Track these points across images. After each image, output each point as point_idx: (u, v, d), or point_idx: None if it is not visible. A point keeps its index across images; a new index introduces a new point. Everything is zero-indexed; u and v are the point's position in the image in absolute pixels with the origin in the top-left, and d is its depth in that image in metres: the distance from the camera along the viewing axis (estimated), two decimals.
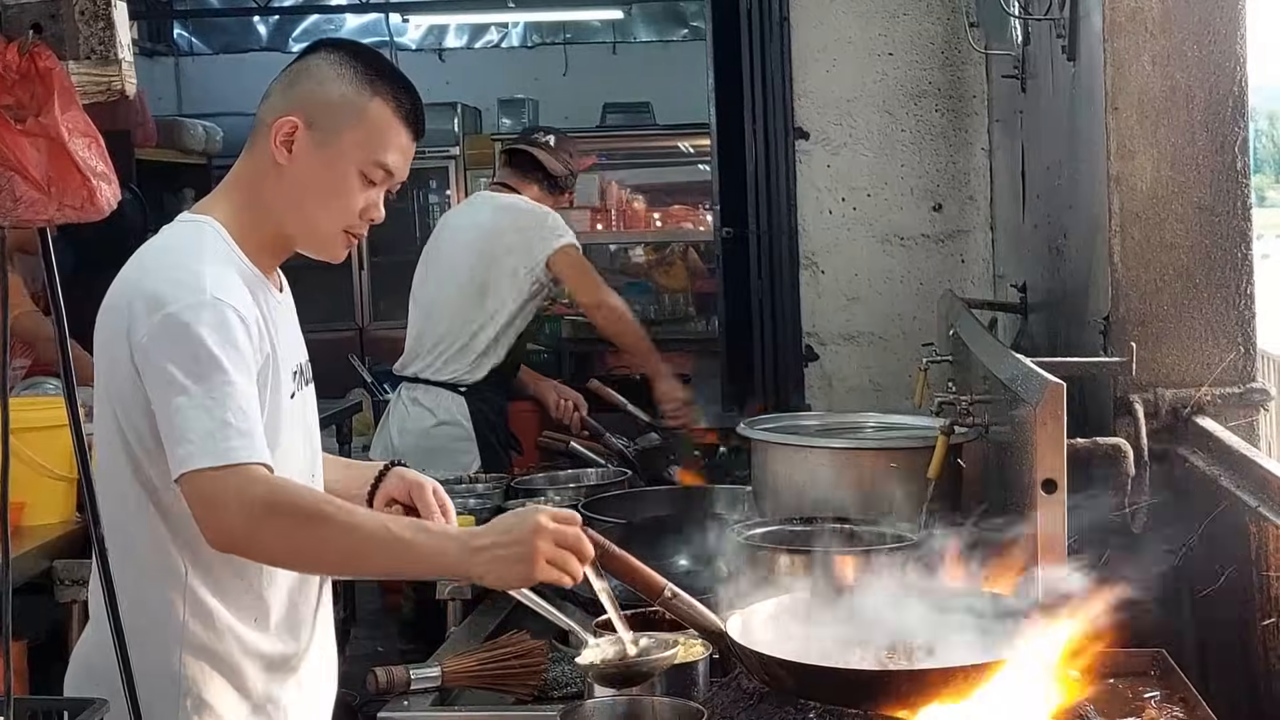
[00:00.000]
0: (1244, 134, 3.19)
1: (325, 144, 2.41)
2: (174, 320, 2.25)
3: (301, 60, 2.51)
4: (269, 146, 2.41)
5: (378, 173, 2.44)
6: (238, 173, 2.49)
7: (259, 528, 2.19)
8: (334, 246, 2.49)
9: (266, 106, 2.47)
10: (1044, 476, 2.54)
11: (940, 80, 5.50)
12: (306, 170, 2.41)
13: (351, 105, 2.42)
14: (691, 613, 2.44)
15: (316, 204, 2.43)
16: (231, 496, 2.18)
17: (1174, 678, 2.60)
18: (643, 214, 9.17)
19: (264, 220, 2.43)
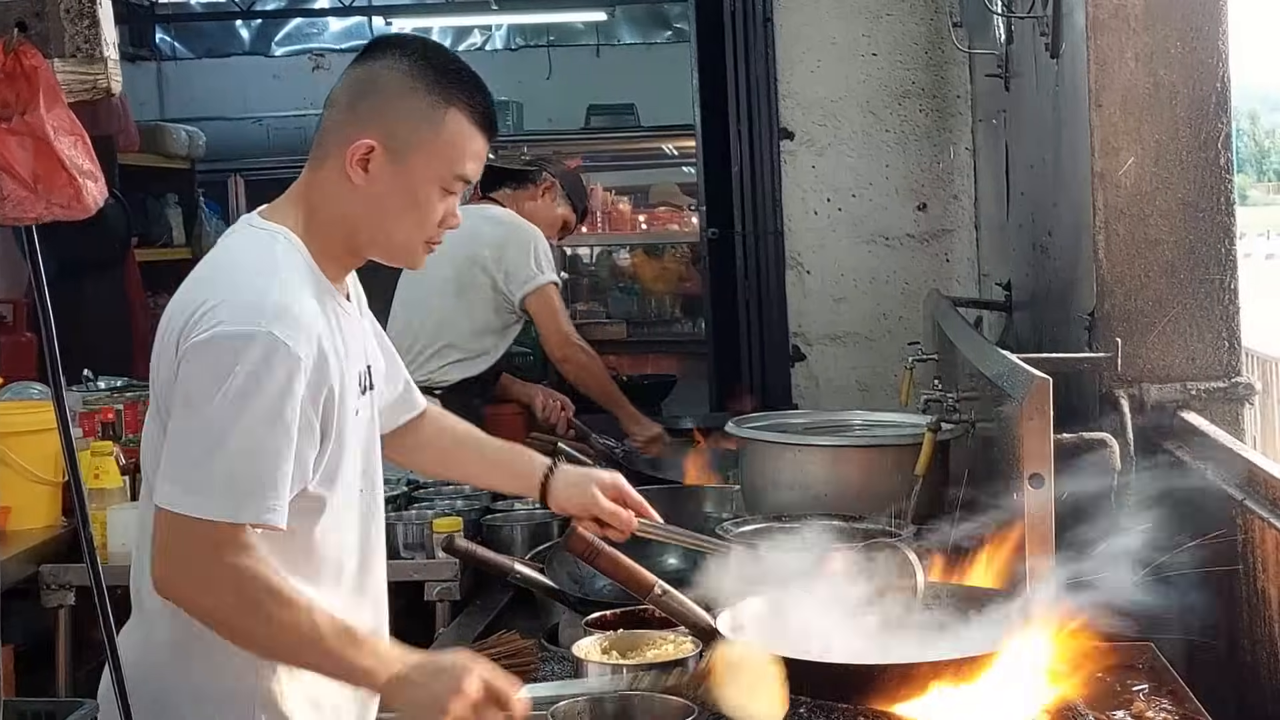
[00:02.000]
0: (1227, 130, 3.20)
1: (402, 161, 2.29)
2: (220, 342, 2.12)
3: (365, 66, 2.36)
4: (342, 165, 2.29)
5: (457, 184, 2.35)
6: (307, 183, 2.36)
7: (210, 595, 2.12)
8: (414, 257, 2.39)
9: (334, 120, 2.34)
10: (1031, 471, 2.55)
11: (924, 80, 5.52)
12: (384, 189, 2.29)
13: (427, 120, 2.30)
14: (682, 610, 2.44)
15: (395, 219, 2.32)
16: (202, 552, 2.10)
17: (1162, 671, 2.61)
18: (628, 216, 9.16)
19: (337, 233, 2.32)
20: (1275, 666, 2.53)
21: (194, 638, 2.21)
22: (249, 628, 2.12)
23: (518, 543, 3.72)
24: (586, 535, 2.44)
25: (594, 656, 2.51)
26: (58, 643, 3.95)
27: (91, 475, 4.01)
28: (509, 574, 3.16)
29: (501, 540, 3.73)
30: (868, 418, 3.88)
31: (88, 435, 4.41)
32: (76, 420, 4.43)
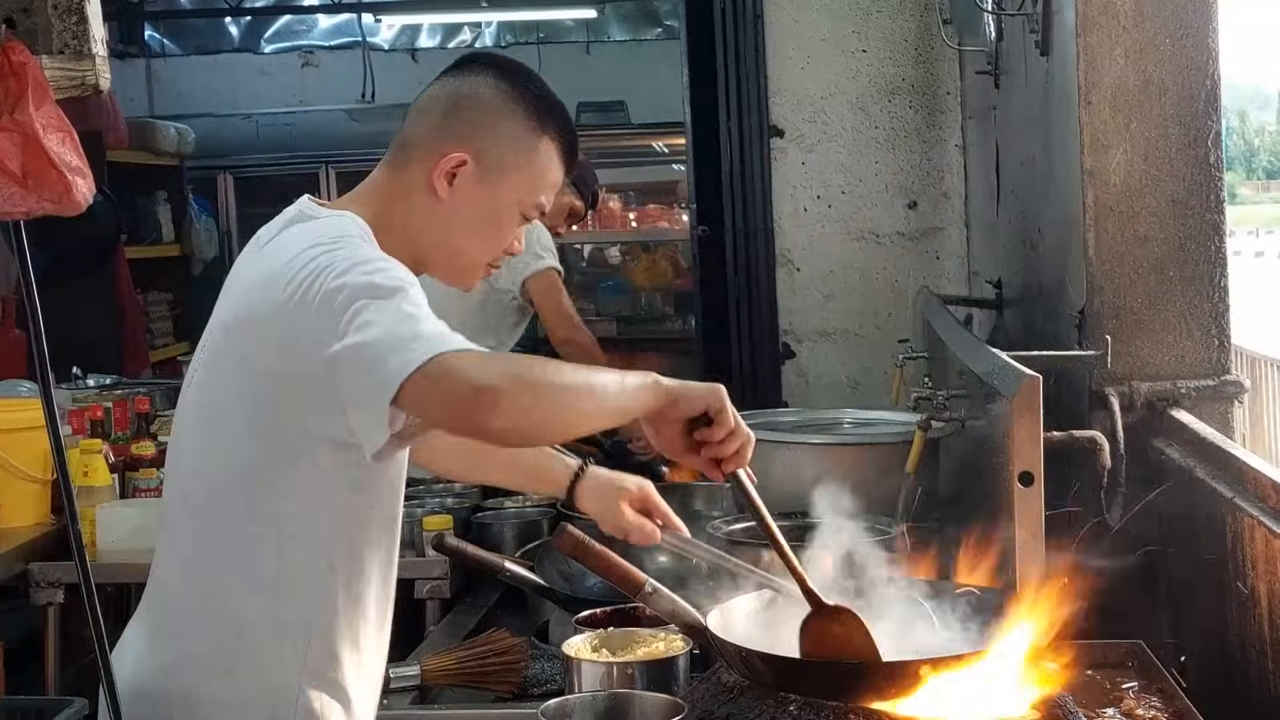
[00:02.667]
0: (1217, 127, 3.20)
1: (488, 181, 2.28)
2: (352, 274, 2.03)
3: (463, 79, 2.33)
4: (426, 174, 2.26)
5: (534, 211, 2.34)
6: (377, 185, 2.32)
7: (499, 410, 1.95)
8: (473, 277, 2.37)
9: (424, 129, 2.31)
10: (1021, 469, 2.55)
11: (914, 77, 5.53)
12: (465, 204, 2.27)
13: (522, 144, 2.29)
14: (672, 607, 2.43)
15: (468, 237, 2.30)
16: (469, 365, 1.95)
17: (1152, 669, 2.61)
18: (618, 214, 9.16)
19: (401, 241, 2.24)
20: (1265, 664, 2.54)
21: (236, 644, 2.17)
22: (541, 404, 1.99)
23: (508, 541, 3.72)
24: (576, 533, 2.43)
25: (584, 655, 2.51)
26: (46, 641, 3.94)
27: (80, 473, 4.00)
28: (499, 572, 3.16)
29: (491, 538, 3.73)
30: (858, 415, 3.88)
31: (77, 433, 4.40)
32: (65, 418, 4.42)
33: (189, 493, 2.23)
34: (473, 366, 1.95)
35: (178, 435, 2.30)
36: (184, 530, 2.23)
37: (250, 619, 2.17)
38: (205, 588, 2.20)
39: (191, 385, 2.27)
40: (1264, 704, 2.53)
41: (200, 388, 2.24)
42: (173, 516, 2.28)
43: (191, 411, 2.26)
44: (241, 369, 2.15)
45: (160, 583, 2.29)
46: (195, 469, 2.22)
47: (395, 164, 2.31)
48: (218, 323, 2.24)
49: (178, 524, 2.25)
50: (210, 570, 2.19)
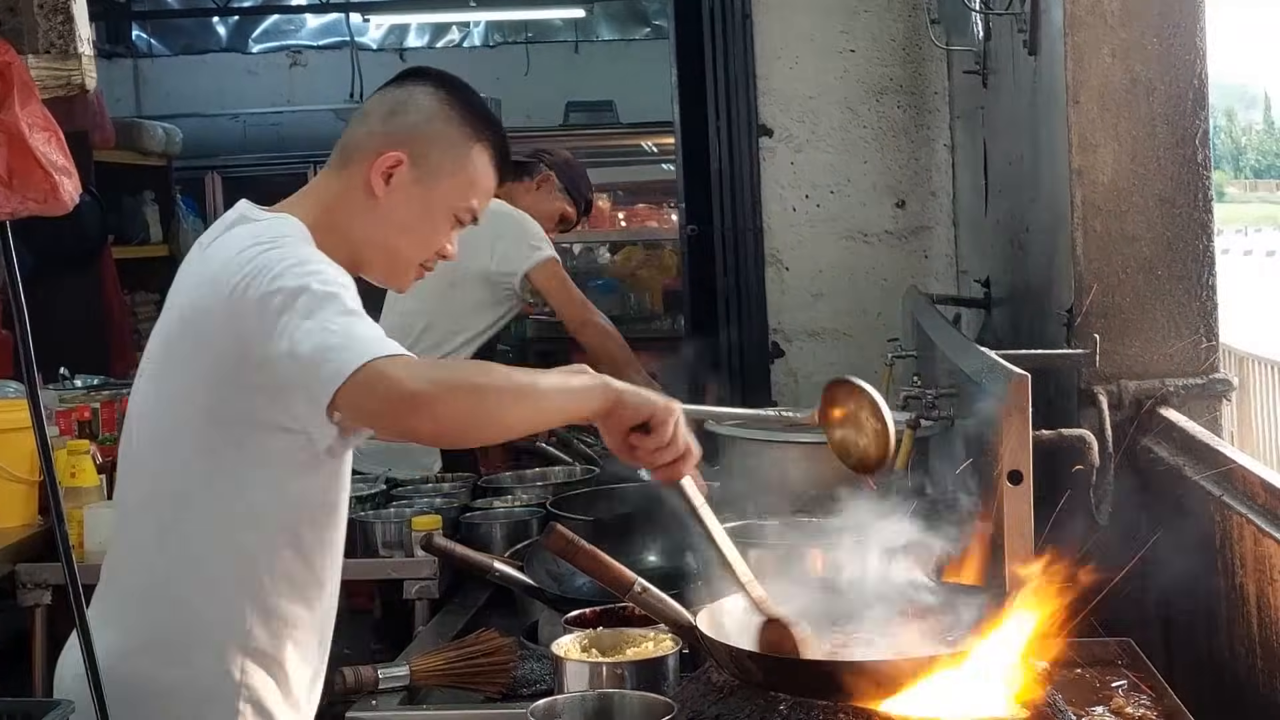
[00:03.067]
0: (1204, 126, 3.21)
1: (424, 183, 2.41)
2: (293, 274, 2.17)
3: (403, 89, 2.48)
4: (364, 174, 2.40)
5: (466, 215, 2.47)
6: (318, 188, 2.46)
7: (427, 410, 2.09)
8: (407, 278, 2.49)
9: (364, 133, 2.45)
10: (1010, 468, 2.56)
11: (902, 76, 5.52)
12: (400, 205, 2.40)
13: (458, 150, 2.44)
14: (661, 607, 2.44)
15: (403, 238, 2.43)
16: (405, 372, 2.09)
17: (1141, 666, 2.61)
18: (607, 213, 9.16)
19: (340, 242, 2.36)
20: (1254, 662, 2.54)
21: (174, 635, 2.27)
22: (470, 407, 2.13)
23: (496, 541, 3.71)
24: (565, 533, 2.43)
25: (573, 654, 2.50)
26: (34, 642, 3.93)
27: (68, 474, 3.99)
28: (488, 572, 3.16)
29: (480, 538, 3.72)
30: None
31: (64, 434, 4.39)
32: (53, 419, 4.42)
33: (139, 483, 2.35)
34: (404, 371, 2.08)
35: (129, 430, 2.41)
36: (133, 518, 2.35)
37: (194, 602, 2.28)
38: (152, 573, 2.31)
39: (141, 380, 2.38)
40: (1253, 701, 2.53)
41: (150, 382, 2.36)
42: (123, 506, 2.40)
43: (141, 406, 2.38)
44: (188, 364, 2.26)
45: (111, 570, 2.38)
46: (144, 461, 2.34)
47: (336, 167, 2.46)
48: (165, 321, 2.35)
49: (128, 513, 2.37)
50: (157, 555, 2.30)
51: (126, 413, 2.46)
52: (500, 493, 4.19)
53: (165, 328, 2.35)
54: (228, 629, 2.29)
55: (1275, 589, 2.41)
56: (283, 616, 2.33)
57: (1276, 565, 2.40)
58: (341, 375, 2.05)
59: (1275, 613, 2.42)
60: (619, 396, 2.19)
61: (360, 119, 2.48)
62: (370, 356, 2.07)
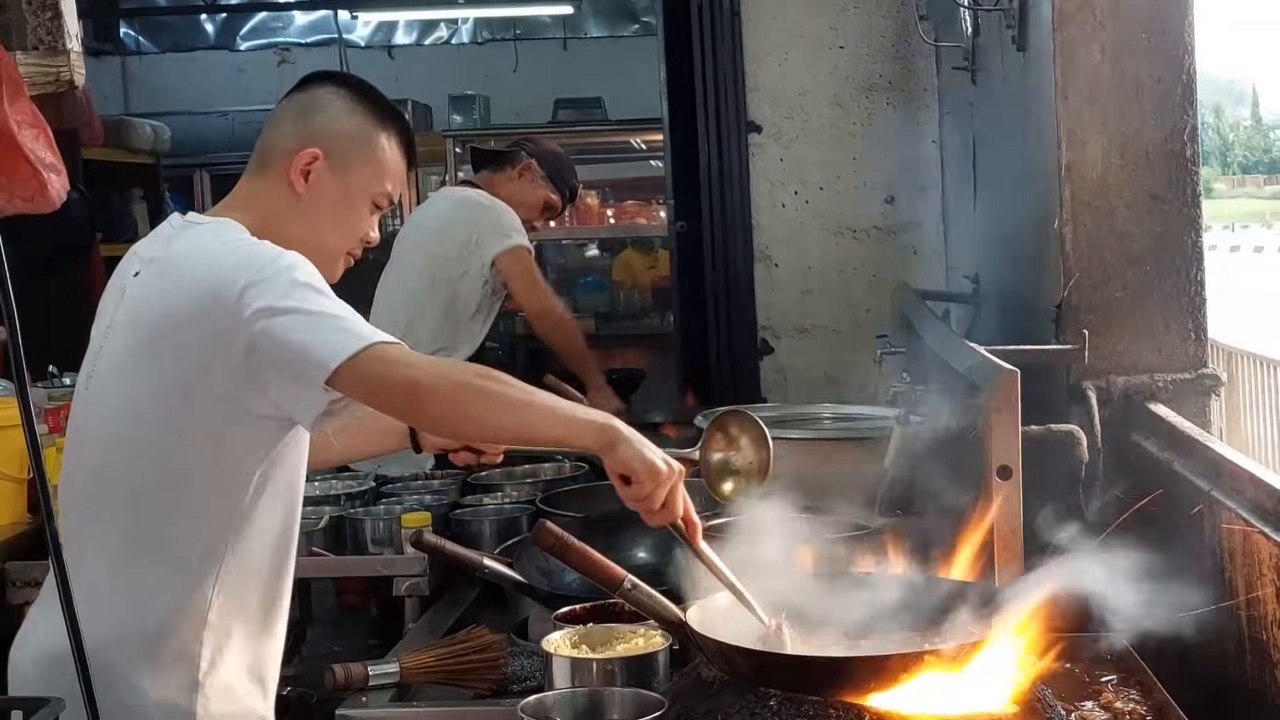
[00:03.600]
0: (1193, 122, 3.21)
1: (339, 174, 2.58)
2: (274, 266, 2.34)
3: (308, 92, 2.66)
4: (284, 173, 2.57)
5: (383, 200, 2.65)
6: (244, 193, 2.62)
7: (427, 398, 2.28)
8: (336, 268, 2.63)
9: (278, 134, 2.62)
10: (999, 463, 2.56)
11: (891, 73, 5.53)
12: (321, 198, 2.58)
13: (365, 140, 2.62)
14: (651, 603, 2.44)
15: (327, 228, 2.60)
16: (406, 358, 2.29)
17: (1130, 662, 2.62)
18: (596, 210, 9.15)
19: (274, 241, 2.47)
20: (1242, 657, 2.54)
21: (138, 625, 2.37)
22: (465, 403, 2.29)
23: (486, 537, 3.72)
24: (555, 529, 2.43)
25: (563, 651, 2.50)
26: None
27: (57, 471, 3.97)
28: (478, 569, 3.16)
29: (470, 535, 3.73)
30: (836, 410, 3.88)
31: (53, 431, 4.37)
32: (41, 416, 4.41)
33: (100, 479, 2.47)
34: (408, 357, 2.30)
35: (84, 435, 2.53)
36: (94, 513, 2.46)
37: (160, 591, 2.39)
38: (114, 564, 2.41)
39: (95, 382, 2.50)
40: (1242, 697, 2.54)
41: (113, 383, 2.46)
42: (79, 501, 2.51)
43: (99, 407, 2.49)
44: (166, 363, 2.38)
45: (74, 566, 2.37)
46: (106, 456, 2.45)
47: (255, 172, 2.64)
48: (123, 329, 2.47)
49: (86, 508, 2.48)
50: (120, 547, 2.42)
51: (71, 421, 2.58)
52: (490, 490, 4.19)
53: (130, 334, 2.45)
54: (194, 616, 2.40)
55: (1264, 584, 2.42)
56: (245, 611, 2.45)
57: (1265, 560, 2.41)
58: (346, 352, 2.23)
59: (1264, 607, 2.43)
60: (615, 442, 2.30)
61: (273, 124, 2.64)
62: (373, 340, 2.27)
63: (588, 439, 2.33)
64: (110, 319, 2.52)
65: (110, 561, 2.41)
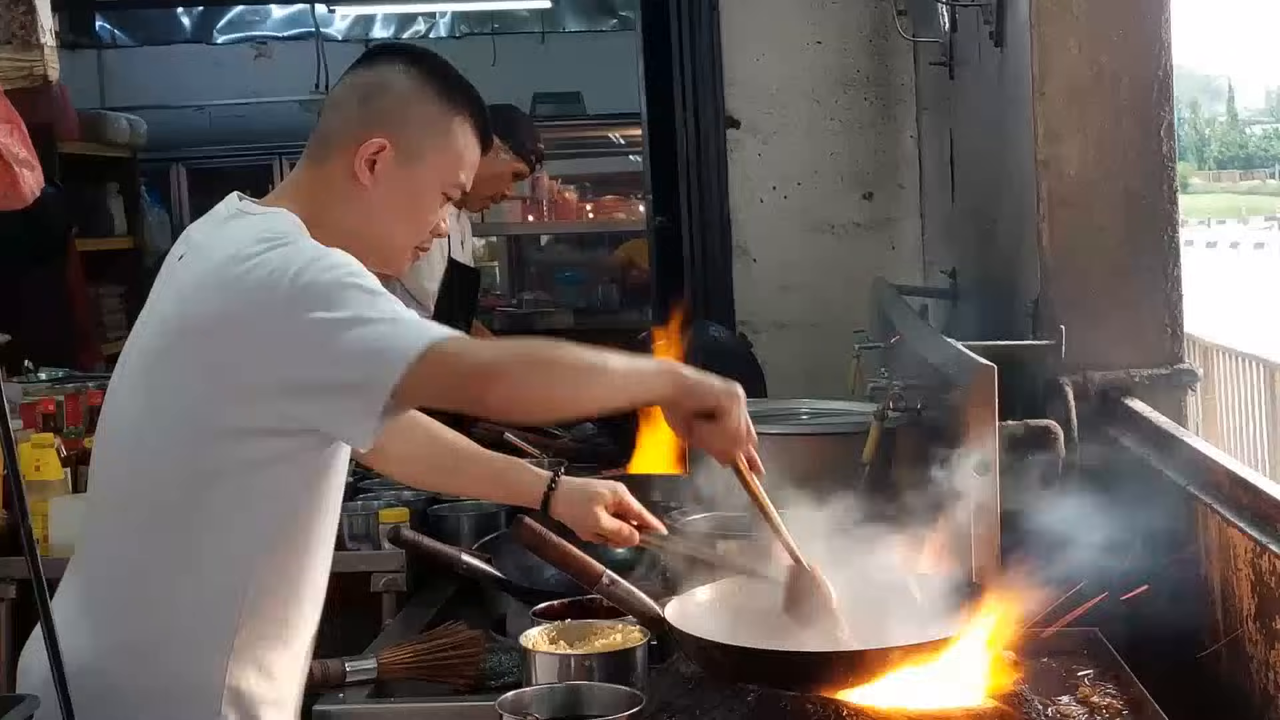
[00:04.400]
0: (1170, 118, 3.22)
1: (409, 164, 2.37)
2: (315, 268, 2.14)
3: (373, 70, 2.43)
4: (347, 163, 2.34)
5: (455, 191, 2.44)
6: (300, 182, 2.40)
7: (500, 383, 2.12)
8: (403, 261, 2.46)
9: (340, 121, 2.39)
10: (976, 458, 2.56)
11: (869, 68, 5.53)
12: (389, 189, 2.36)
13: (436, 125, 2.39)
14: (629, 599, 2.44)
15: (396, 222, 2.39)
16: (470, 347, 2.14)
17: (1107, 656, 2.62)
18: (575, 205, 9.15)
19: (333, 233, 2.28)
20: (1218, 650, 2.55)
21: (157, 636, 2.23)
22: (543, 381, 2.16)
23: (464, 533, 3.71)
24: (534, 525, 2.43)
25: (541, 646, 2.50)
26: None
27: (32, 467, 3.96)
28: (456, 565, 3.15)
29: (448, 531, 3.72)
30: (814, 406, 3.88)
31: (28, 427, 4.36)
32: (17, 412, 4.39)
33: (117, 482, 2.30)
34: (473, 346, 2.14)
35: (105, 427, 2.36)
36: (111, 517, 2.30)
37: (182, 603, 2.24)
38: (132, 573, 2.26)
39: (125, 376, 2.32)
40: (1219, 692, 2.54)
41: (140, 377, 2.28)
42: (98, 504, 2.35)
43: (124, 403, 2.31)
44: (192, 364, 2.19)
45: (85, 568, 2.34)
46: (126, 460, 2.29)
47: (316, 159, 2.39)
48: (158, 318, 2.29)
49: (105, 511, 2.33)
50: (139, 555, 2.26)
51: (103, 410, 2.40)
52: None
53: (160, 325, 2.28)
54: (213, 631, 2.25)
55: (1239, 577, 2.43)
56: (273, 617, 2.30)
57: (1240, 554, 2.42)
58: (407, 359, 2.05)
59: (1239, 601, 2.44)
60: (686, 384, 2.25)
61: (334, 107, 2.42)
62: (432, 338, 2.08)
63: (663, 389, 2.25)
64: (152, 303, 2.34)
65: (126, 566, 2.27)
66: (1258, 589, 2.35)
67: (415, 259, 2.49)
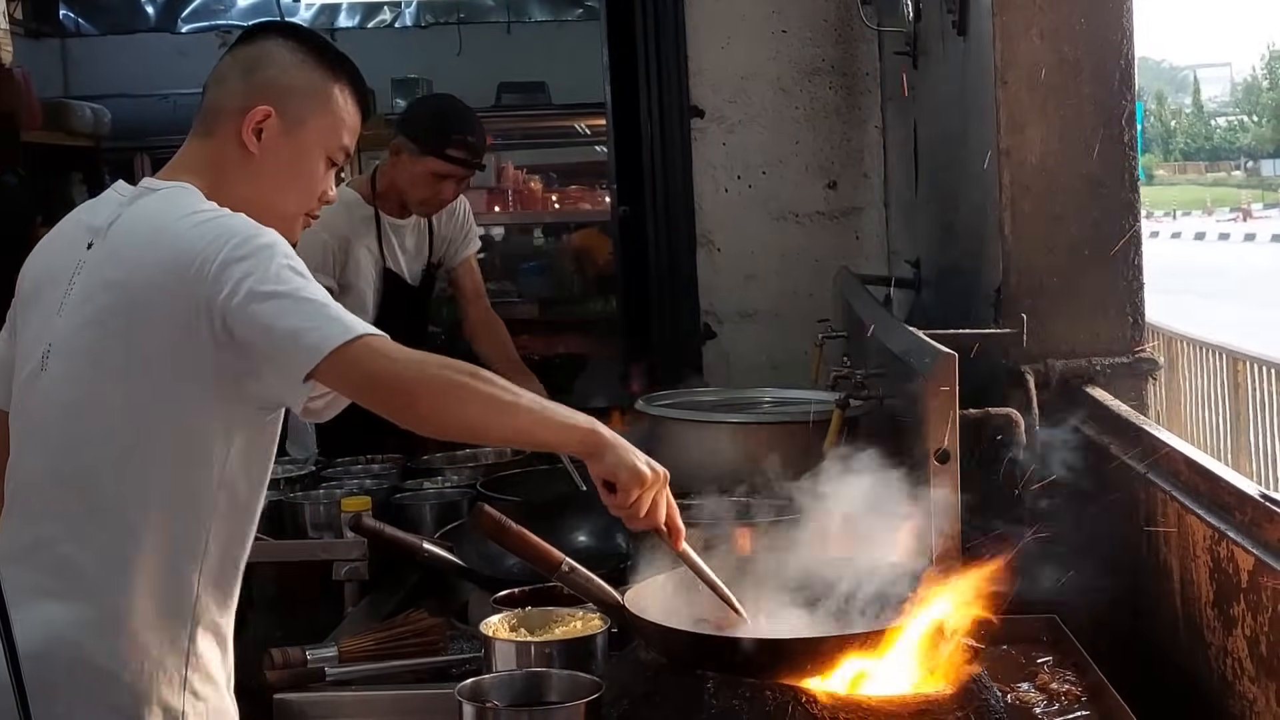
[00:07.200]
0: (1131, 107, 3.23)
1: (292, 131, 2.48)
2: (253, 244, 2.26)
3: (254, 46, 2.55)
4: (234, 133, 2.46)
5: (340, 155, 2.55)
6: (190, 157, 2.51)
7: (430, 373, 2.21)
8: (294, 229, 2.53)
9: (224, 92, 2.51)
10: (937, 446, 2.57)
11: (834, 57, 5.53)
12: (275, 157, 2.47)
13: (317, 93, 2.51)
14: (589, 586, 2.43)
15: (284, 189, 2.51)
16: (393, 353, 2.20)
17: (1066, 643, 2.64)
18: (539, 195, 9.13)
19: (228, 205, 2.39)
20: (1177, 638, 2.57)
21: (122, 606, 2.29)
22: (451, 404, 2.22)
23: (427, 521, 3.70)
24: (493, 513, 2.42)
25: (502, 634, 2.50)
26: None
27: None
28: (418, 553, 3.15)
29: (410, 519, 3.71)
30: (777, 394, 3.89)
31: None
32: None
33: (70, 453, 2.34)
34: (395, 353, 2.19)
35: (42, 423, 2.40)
36: (62, 491, 2.34)
37: (141, 572, 2.30)
38: (93, 545, 2.31)
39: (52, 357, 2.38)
40: (1177, 677, 2.56)
41: (69, 358, 2.36)
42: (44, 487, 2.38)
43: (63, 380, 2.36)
44: (138, 335, 2.30)
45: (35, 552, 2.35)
46: (77, 432, 2.34)
47: (202, 133, 2.52)
48: (92, 296, 2.35)
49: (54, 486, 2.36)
50: (96, 528, 2.31)
51: (18, 392, 2.45)
52: (431, 474, 4.17)
53: (90, 308, 2.35)
54: (177, 598, 2.33)
55: (1198, 564, 2.44)
56: (224, 581, 2.40)
57: (1199, 541, 2.43)
58: (333, 342, 2.16)
59: (1198, 588, 2.45)
60: (600, 448, 2.28)
61: (218, 81, 2.53)
62: (360, 332, 2.18)
63: (573, 444, 2.31)
64: (64, 294, 2.40)
65: (82, 550, 2.32)
66: (1215, 576, 2.36)
67: (306, 225, 2.57)
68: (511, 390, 2.25)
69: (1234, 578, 2.27)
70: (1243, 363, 9.28)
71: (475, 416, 2.24)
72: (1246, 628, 2.24)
